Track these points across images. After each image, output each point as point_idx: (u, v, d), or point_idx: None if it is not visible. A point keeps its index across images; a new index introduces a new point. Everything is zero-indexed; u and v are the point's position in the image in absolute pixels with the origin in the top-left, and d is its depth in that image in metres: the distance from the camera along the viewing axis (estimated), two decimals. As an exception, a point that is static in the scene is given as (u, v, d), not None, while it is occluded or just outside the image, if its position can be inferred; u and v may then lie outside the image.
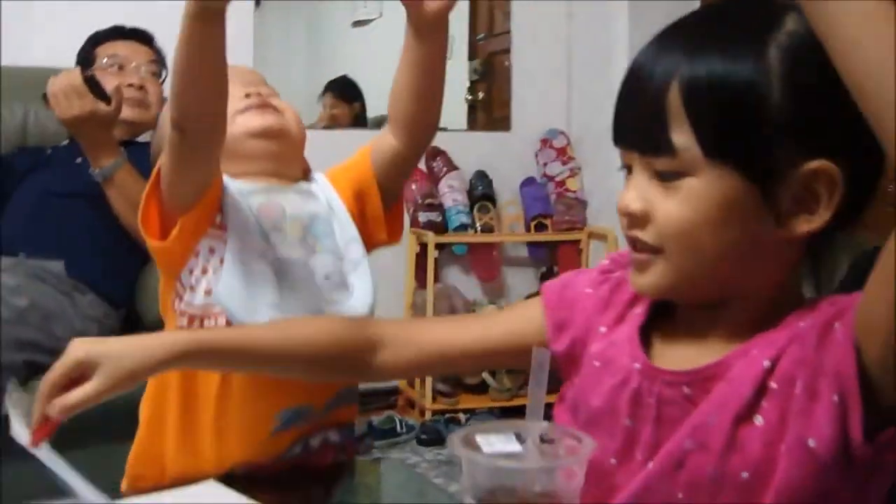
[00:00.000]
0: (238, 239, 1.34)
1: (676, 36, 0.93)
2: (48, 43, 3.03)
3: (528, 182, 4.12)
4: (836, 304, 0.89)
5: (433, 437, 3.47)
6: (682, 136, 0.89)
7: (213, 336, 1.18)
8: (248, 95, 1.44)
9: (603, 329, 1.04)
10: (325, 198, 1.44)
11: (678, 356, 0.96)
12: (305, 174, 1.49)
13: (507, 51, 4.24)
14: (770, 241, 0.90)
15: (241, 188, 1.39)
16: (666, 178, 0.91)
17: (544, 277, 4.06)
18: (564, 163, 4.09)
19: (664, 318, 1.01)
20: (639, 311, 1.02)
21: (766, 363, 0.89)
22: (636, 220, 0.94)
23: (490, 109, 4.37)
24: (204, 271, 1.34)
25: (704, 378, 0.92)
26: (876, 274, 0.82)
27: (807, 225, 0.89)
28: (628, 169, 0.96)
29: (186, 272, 1.35)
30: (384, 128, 1.43)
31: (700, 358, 0.94)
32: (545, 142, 4.13)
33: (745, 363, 0.90)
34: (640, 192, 0.93)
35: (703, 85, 0.88)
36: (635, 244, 0.96)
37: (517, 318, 1.15)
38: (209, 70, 1.23)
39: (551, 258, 4.11)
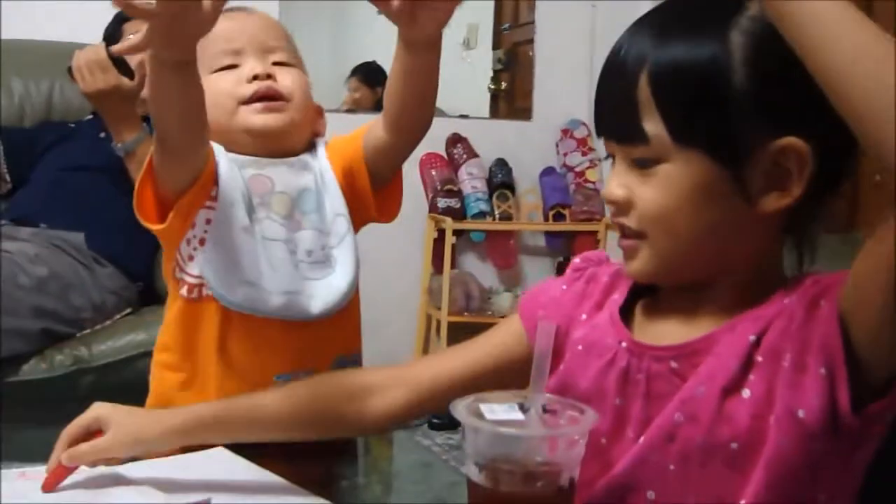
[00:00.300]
0: (225, 213, 1.34)
1: (646, 26, 0.95)
2: (75, 18, 3.05)
3: (548, 172, 4.13)
4: (820, 283, 0.90)
5: (445, 422, 3.48)
6: (652, 125, 0.91)
7: (214, 412, 1.22)
8: (256, 77, 1.40)
9: (584, 316, 1.06)
10: (319, 169, 1.44)
11: (663, 334, 0.99)
12: (311, 139, 1.48)
13: (530, 41, 4.25)
14: (746, 219, 0.92)
15: (234, 158, 1.39)
16: (643, 164, 0.94)
17: (561, 267, 4.06)
18: (584, 153, 4.09)
19: (645, 300, 1.04)
20: (616, 297, 1.05)
21: (752, 337, 0.91)
22: (620, 207, 0.96)
23: (512, 99, 4.38)
24: (201, 242, 1.35)
25: (691, 352, 0.94)
26: (869, 248, 0.84)
27: (780, 201, 0.91)
28: (613, 158, 0.98)
29: (185, 242, 1.36)
30: (380, 115, 1.42)
31: (686, 335, 0.96)
32: (566, 132, 4.14)
33: (731, 338, 0.92)
34: (621, 179, 0.96)
35: (669, 73, 0.90)
36: (623, 231, 0.98)
37: (499, 334, 1.18)
38: (183, 107, 1.24)
39: (568, 248, 4.12)
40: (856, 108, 0.76)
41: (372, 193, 1.43)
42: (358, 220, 1.43)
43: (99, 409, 1.15)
